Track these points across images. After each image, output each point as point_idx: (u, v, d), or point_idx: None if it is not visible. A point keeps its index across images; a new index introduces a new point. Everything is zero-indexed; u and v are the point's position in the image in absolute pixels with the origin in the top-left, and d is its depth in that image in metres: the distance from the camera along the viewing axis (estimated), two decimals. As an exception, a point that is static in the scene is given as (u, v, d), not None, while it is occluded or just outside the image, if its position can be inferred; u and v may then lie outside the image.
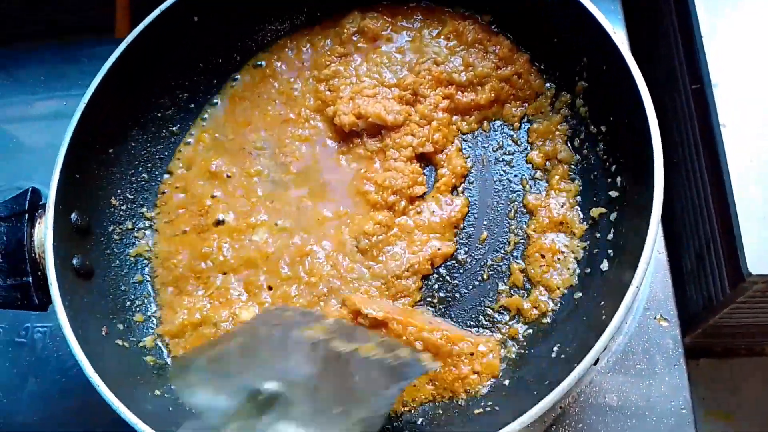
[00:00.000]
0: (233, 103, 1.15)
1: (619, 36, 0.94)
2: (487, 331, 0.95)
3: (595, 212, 0.96)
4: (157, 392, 0.91)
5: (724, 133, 1.06)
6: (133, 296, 1.02)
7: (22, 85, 1.39)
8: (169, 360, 0.97)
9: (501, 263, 0.98)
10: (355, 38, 1.13)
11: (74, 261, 0.95)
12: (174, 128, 1.13)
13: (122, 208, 1.06)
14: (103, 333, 0.93)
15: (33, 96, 1.37)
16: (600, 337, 0.76)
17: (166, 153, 1.12)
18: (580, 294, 0.92)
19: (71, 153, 0.97)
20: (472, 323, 0.96)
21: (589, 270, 0.93)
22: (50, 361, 1.16)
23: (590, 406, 0.98)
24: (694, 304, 1.18)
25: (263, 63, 1.16)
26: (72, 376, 1.14)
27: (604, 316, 0.80)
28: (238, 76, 1.16)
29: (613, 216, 0.94)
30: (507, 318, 0.95)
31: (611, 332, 0.77)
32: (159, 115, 1.12)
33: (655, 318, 1.02)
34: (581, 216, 0.98)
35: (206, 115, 1.14)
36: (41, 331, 1.19)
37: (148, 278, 1.04)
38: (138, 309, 1.01)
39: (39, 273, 0.92)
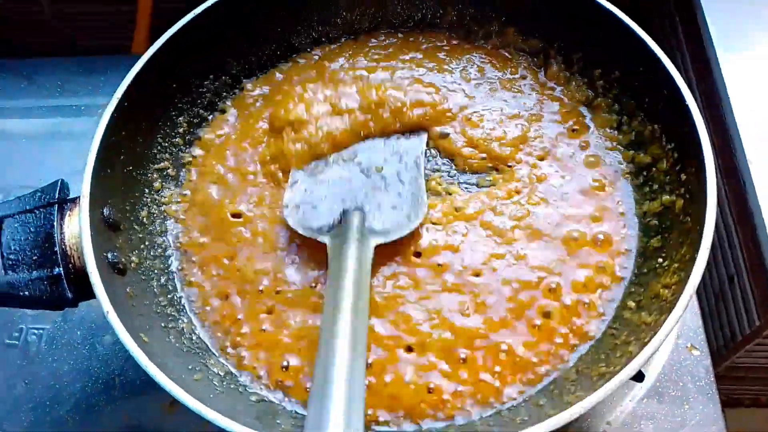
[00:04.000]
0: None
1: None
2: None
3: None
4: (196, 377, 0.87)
5: (752, 169, 1.09)
6: (168, 290, 0.97)
7: (40, 90, 1.40)
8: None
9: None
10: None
11: (108, 255, 0.88)
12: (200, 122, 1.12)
13: (152, 204, 1.02)
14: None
15: (52, 100, 1.38)
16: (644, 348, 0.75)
17: (192, 149, 1.10)
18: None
19: (103, 147, 0.92)
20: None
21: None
22: (44, 366, 1.08)
23: (625, 434, 0.97)
24: (719, 338, 1.20)
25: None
26: (66, 383, 1.07)
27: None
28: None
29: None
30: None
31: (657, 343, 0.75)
32: (187, 109, 1.10)
33: (686, 347, 1.03)
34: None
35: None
36: (36, 334, 1.11)
37: (179, 271, 0.99)
38: (172, 302, 0.96)
39: (70, 266, 0.86)
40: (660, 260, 0.90)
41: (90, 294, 0.84)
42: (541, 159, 1.03)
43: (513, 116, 1.06)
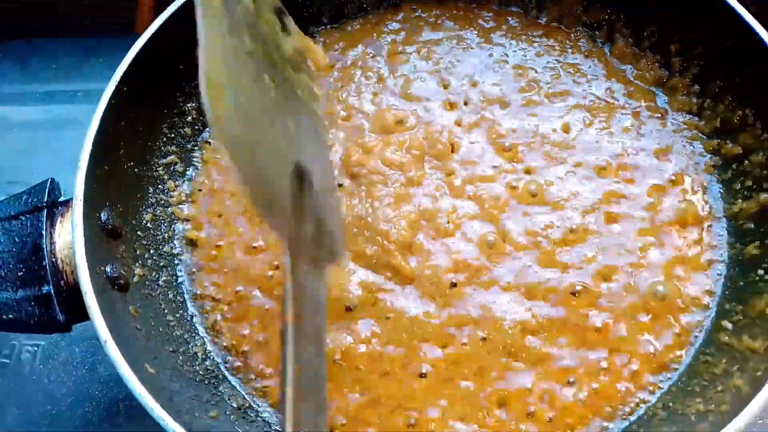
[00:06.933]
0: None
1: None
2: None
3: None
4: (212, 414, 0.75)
5: None
6: (177, 306, 0.84)
7: (34, 74, 1.28)
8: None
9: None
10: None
11: (107, 269, 0.75)
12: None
13: (158, 206, 0.89)
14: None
15: (47, 85, 1.26)
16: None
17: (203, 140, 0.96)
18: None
19: (99, 140, 0.78)
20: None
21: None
22: (39, 389, 0.96)
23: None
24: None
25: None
26: (63, 408, 0.94)
27: None
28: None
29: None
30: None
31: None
32: (197, 93, 0.92)
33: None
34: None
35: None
36: (30, 351, 0.99)
37: (190, 283, 0.86)
38: (182, 321, 0.83)
39: (62, 283, 0.73)
40: (761, 272, 0.75)
41: (86, 315, 0.70)
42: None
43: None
